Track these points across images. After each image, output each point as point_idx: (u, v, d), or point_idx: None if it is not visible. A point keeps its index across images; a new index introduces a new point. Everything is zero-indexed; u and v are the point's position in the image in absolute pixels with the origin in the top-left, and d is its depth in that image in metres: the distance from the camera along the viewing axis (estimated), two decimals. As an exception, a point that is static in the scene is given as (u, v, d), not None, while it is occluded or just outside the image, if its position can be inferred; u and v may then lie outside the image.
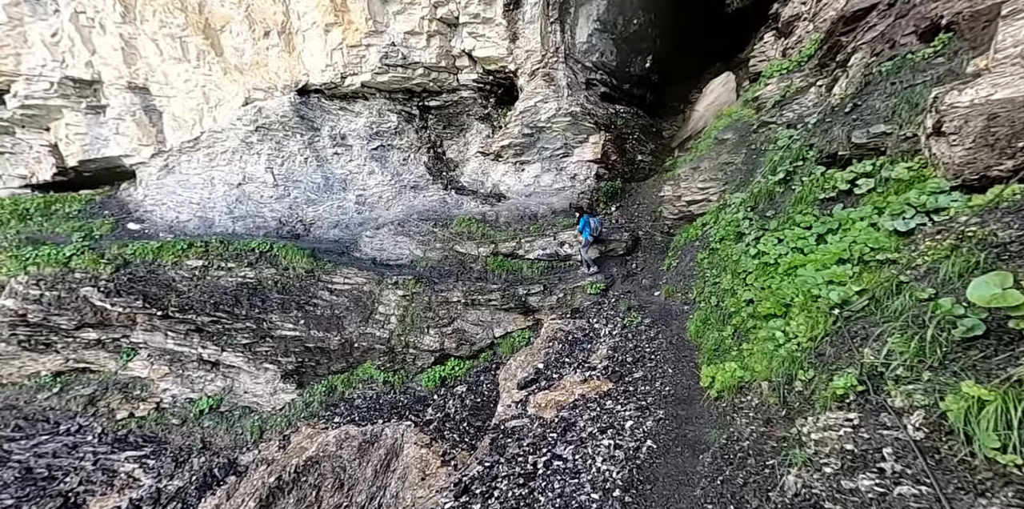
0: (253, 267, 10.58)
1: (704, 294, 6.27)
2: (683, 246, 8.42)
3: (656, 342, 6.49)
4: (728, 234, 6.20)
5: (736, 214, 6.28)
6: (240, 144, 12.26)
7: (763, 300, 4.43)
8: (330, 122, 13.08)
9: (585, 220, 9.89)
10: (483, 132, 14.09)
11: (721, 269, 5.97)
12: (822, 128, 5.50)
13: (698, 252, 7.17)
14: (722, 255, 6.16)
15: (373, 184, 13.77)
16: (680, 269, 7.74)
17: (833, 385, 2.78)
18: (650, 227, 10.96)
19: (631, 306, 7.94)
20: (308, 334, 10.50)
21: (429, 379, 10.45)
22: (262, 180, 12.61)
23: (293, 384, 10.71)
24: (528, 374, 6.79)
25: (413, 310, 10.97)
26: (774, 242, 5.00)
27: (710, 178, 8.20)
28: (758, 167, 6.93)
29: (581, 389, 5.77)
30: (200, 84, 11.51)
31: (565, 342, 7.79)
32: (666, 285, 7.82)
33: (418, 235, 12.54)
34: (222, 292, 9.88)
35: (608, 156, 11.94)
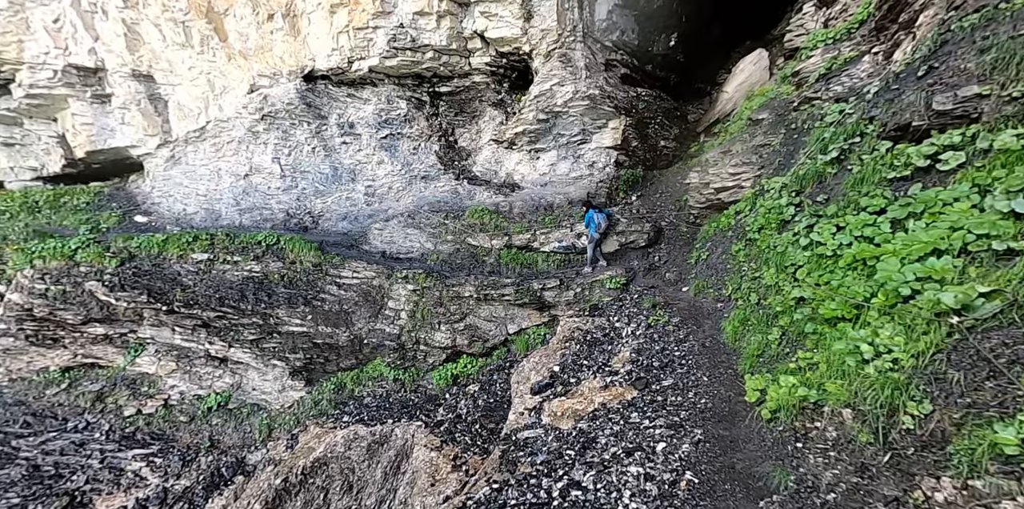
0: (259, 261, 10.26)
1: (742, 290, 5.64)
2: (712, 237, 7.74)
3: (686, 344, 5.85)
4: (769, 222, 5.54)
5: (778, 200, 5.60)
6: (246, 133, 11.91)
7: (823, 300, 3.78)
8: (338, 110, 12.63)
9: (591, 215, 9.21)
10: (496, 119, 13.47)
11: (762, 262, 5.33)
12: (886, 98, 4.75)
13: (732, 243, 6.51)
14: (762, 246, 5.51)
15: (383, 174, 13.32)
16: (711, 262, 7.08)
17: (993, 436, 1.93)
18: (674, 217, 10.25)
19: (656, 303, 7.31)
20: (316, 330, 10.17)
21: (441, 377, 10.03)
22: (269, 171, 12.27)
23: (302, 381, 10.42)
24: (543, 378, 6.24)
25: (424, 305, 10.54)
26: (831, 230, 4.34)
27: (743, 162, 7.47)
28: (800, 148, 6.20)
29: (602, 397, 5.17)
30: (205, 71, 11.16)
31: (583, 342, 7.20)
32: (695, 280, 7.17)
33: (428, 227, 12.07)
34: (228, 286, 9.58)
35: (629, 142, 11.21)
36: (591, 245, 9.51)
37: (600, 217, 9.38)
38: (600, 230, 9.38)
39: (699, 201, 9.03)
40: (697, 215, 9.48)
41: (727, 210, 7.57)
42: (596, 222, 9.27)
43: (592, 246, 9.51)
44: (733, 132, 8.35)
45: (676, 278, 9.00)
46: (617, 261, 10.17)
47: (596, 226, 9.28)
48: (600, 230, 9.38)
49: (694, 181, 9.06)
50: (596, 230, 9.32)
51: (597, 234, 9.38)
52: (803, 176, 5.49)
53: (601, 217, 9.41)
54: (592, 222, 9.25)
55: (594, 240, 9.45)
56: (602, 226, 9.38)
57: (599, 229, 9.35)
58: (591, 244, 9.49)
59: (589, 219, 9.26)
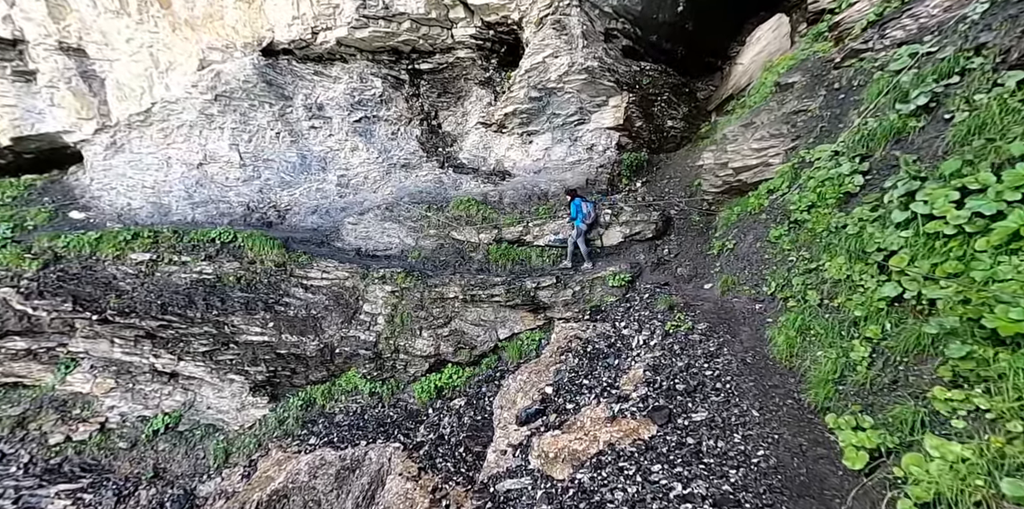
0: (212, 261, 9.15)
1: (793, 287, 4.68)
2: (738, 222, 6.79)
3: (720, 361, 4.67)
4: (824, 198, 4.57)
5: (836, 168, 4.63)
6: (199, 117, 10.74)
7: (971, 302, 2.74)
8: (304, 89, 11.49)
9: (577, 204, 8.31)
10: (484, 99, 12.41)
11: (820, 249, 4.37)
12: (1004, 16, 3.71)
13: (769, 228, 5.56)
14: (816, 228, 4.55)
15: (357, 162, 12.22)
16: (740, 253, 6.12)
17: None
18: (685, 205, 9.32)
19: (674, 304, 6.29)
20: (279, 339, 9.09)
21: (423, 390, 9.03)
22: (227, 159, 11.11)
23: (264, 397, 9.36)
24: (532, 402, 5.13)
25: (403, 309, 9.51)
26: (951, 197, 3.19)
27: (770, 134, 6.53)
28: (851, 108, 5.26)
29: (608, 433, 4.00)
30: (146, 44, 9.96)
31: (583, 355, 6.03)
32: (721, 275, 6.20)
33: (409, 220, 11.02)
34: (173, 291, 8.47)
35: (632, 122, 10.23)
36: (577, 238, 8.60)
37: (589, 206, 8.51)
38: (589, 220, 8.48)
39: (714, 185, 8.08)
40: (712, 201, 8.53)
41: (754, 191, 6.61)
42: (584, 211, 8.36)
43: (578, 239, 8.61)
44: (754, 103, 7.41)
45: (690, 273, 8.06)
46: (621, 255, 9.22)
47: (585, 215, 8.38)
48: (589, 220, 8.48)
49: (708, 162, 8.10)
50: (583, 220, 8.41)
51: (584, 225, 8.49)
52: (867, 137, 4.53)
53: (590, 206, 8.52)
54: (580, 212, 8.28)
55: (581, 232, 8.56)
56: (591, 216, 8.49)
57: (588, 217, 8.44)
58: (577, 237, 8.59)
59: (577, 208, 8.31)
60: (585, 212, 8.38)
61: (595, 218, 8.71)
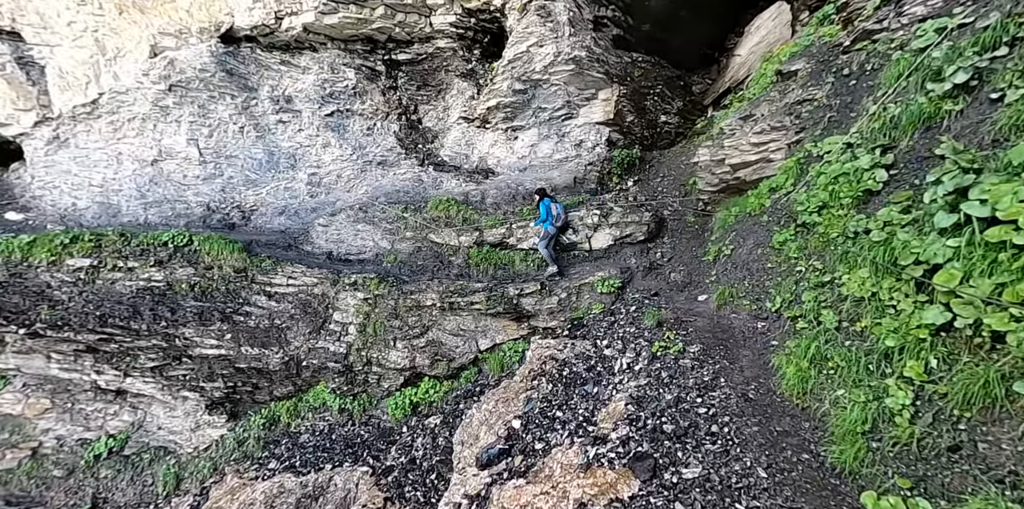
0: (163, 266, 8.41)
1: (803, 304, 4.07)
2: (736, 225, 6.28)
3: (716, 395, 3.96)
4: (838, 197, 4.07)
5: (852, 162, 4.10)
6: (152, 109, 9.96)
7: None
8: (270, 80, 10.76)
9: (546, 205, 7.89)
10: (466, 92, 11.81)
11: (835, 258, 3.83)
12: None
13: (771, 232, 5.04)
14: (829, 233, 4.02)
15: (329, 160, 11.53)
16: (739, 260, 5.59)
17: None
18: (679, 205, 8.82)
19: (662, 320, 5.66)
20: (238, 352, 8.38)
21: (397, 406, 8.41)
22: (184, 155, 10.34)
23: (223, 416, 8.65)
24: (497, 438, 4.38)
25: (376, 318, 8.87)
26: (1015, 197, 2.54)
27: (771, 127, 6.04)
28: (863, 95, 4.77)
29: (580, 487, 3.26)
30: (90, 28, 9.16)
31: (558, 380, 5.23)
32: (718, 286, 5.66)
33: (384, 222, 10.37)
34: (116, 300, 7.72)
35: (623, 116, 9.71)
36: (544, 242, 8.13)
37: (559, 207, 8.08)
38: (558, 223, 8.07)
39: (710, 183, 7.60)
40: (708, 201, 8.05)
41: (753, 190, 6.10)
42: (555, 212, 7.93)
43: (546, 243, 8.14)
44: (753, 95, 6.93)
45: (684, 280, 7.55)
46: (610, 259, 8.69)
47: (555, 216, 7.96)
48: (558, 223, 8.07)
49: (704, 159, 7.61)
50: (553, 223, 8.00)
51: (554, 228, 8.06)
52: (889, 125, 3.97)
53: (560, 207, 8.09)
54: (549, 214, 7.87)
55: (550, 236, 8.11)
56: (560, 219, 8.07)
57: (558, 219, 8.02)
58: (544, 241, 8.12)
59: (546, 209, 7.88)
60: (555, 214, 7.95)
61: (565, 221, 8.29)
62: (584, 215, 8.64)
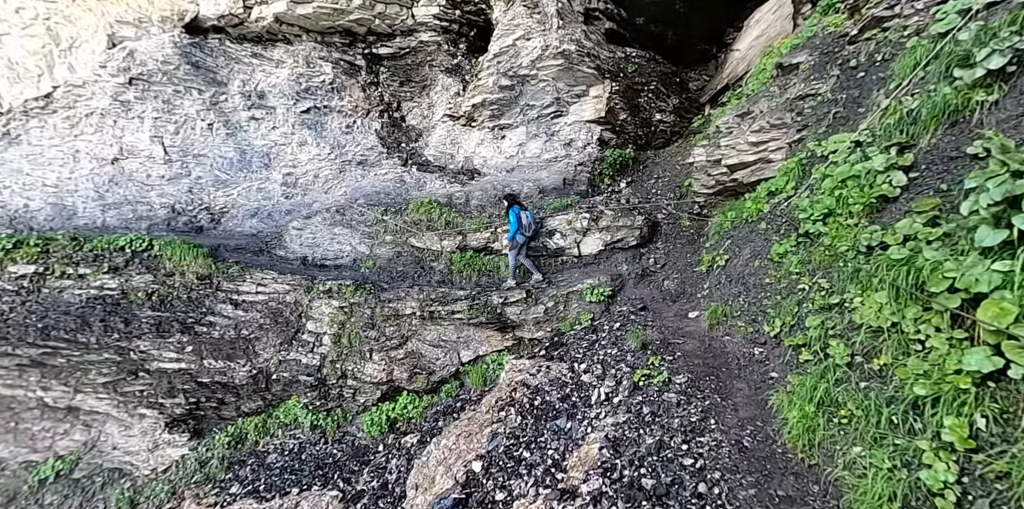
0: (119, 273, 7.84)
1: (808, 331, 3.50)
2: (732, 232, 5.89)
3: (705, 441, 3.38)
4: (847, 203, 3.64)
5: (863, 163, 3.69)
6: (112, 104, 9.37)
7: None
8: (241, 74, 10.22)
9: (516, 213, 7.52)
10: (451, 89, 11.37)
11: (846, 277, 3.35)
12: None
13: (770, 241, 4.63)
14: (836, 246, 3.61)
15: (306, 159, 11.02)
16: (734, 272, 5.17)
17: None
18: (674, 208, 8.44)
19: (647, 342, 5.12)
20: (200, 365, 7.84)
21: (373, 422, 7.93)
22: (148, 154, 9.76)
23: (185, 434, 8.09)
24: (453, 483, 3.92)
25: (352, 327, 8.38)
26: None
27: (771, 125, 5.67)
28: (873, 88, 4.37)
29: None
30: (41, 15, 8.57)
31: (528, 412, 4.58)
32: (710, 302, 5.21)
33: (363, 225, 9.88)
34: (62, 311, 7.15)
35: (615, 114, 9.31)
36: (513, 252, 7.76)
37: (528, 216, 7.76)
38: (529, 232, 7.75)
39: (706, 185, 7.22)
40: (704, 204, 7.68)
41: (751, 193, 5.71)
42: (526, 222, 7.62)
43: (516, 254, 7.76)
44: (752, 91, 6.55)
45: (678, 289, 7.15)
46: (600, 265, 8.28)
47: (525, 227, 7.63)
48: (529, 232, 7.75)
49: (700, 159, 7.22)
50: (523, 232, 7.60)
51: (523, 237, 7.69)
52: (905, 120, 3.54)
53: (529, 216, 7.77)
54: (519, 223, 7.53)
55: (518, 246, 7.67)
56: (531, 228, 7.78)
57: (528, 229, 7.71)
58: (513, 252, 7.74)
59: (515, 218, 7.52)
60: (525, 224, 7.61)
61: (536, 230, 7.97)
62: (573, 219, 8.22)
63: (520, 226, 7.57)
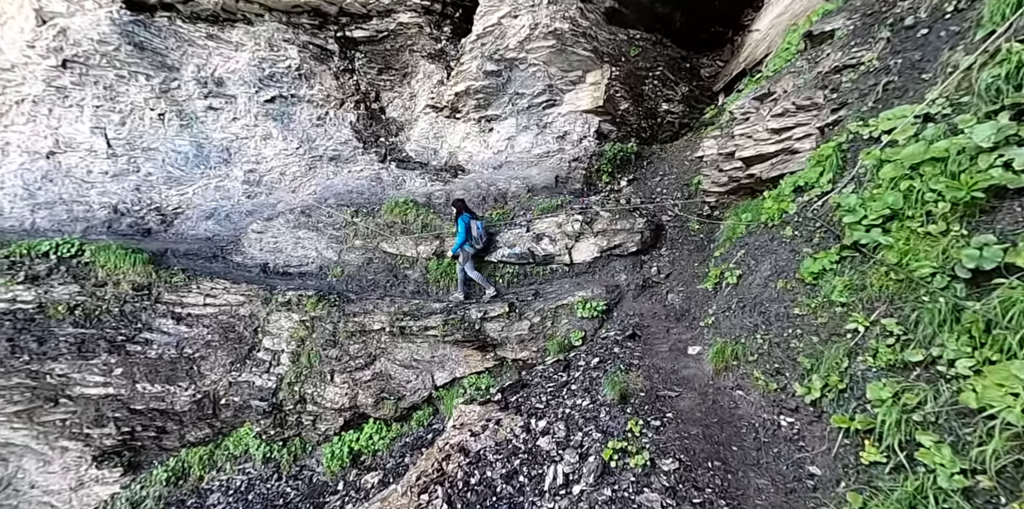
0: (37, 283, 6.89)
1: (875, 409, 2.30)
2: (744, 238, 4.93)
3: None
4: (923, 200, 2.58)
5: (954, 138, 2.58)
6: (47, 90, 8.44)
7: None
8: (195, 58, 9.28)
9: (465, 222, 6.91)
10: (434, 76, 10.43)
11: (936, 319, 2.20)
12: None
13: (801, 253, 3.66)
14: (914, 267, 2.48)
15: (271, 154, 10.09)
16: (748, 294, 4.12)
17: None
18: (681, 208, 7.52)
19: (629, 391, 3.90)
20: (132, 390, 6.90)
21: (333, 455, 7.01)
22: (88, 147, 8.82)
23: (117, 469, 7.15)
24: None
25: (312, 345, 7.45)
26: None
27: (797, 106, 4.77)
28: (944, 45, 3.39)
29: None
30: (-41, -12, 7.67)
31: (460, 497, 3.28)
32: (715, 335, 4.15)
33: (330, 228, 8.94)
34: (-40, 329, 6.21)
35: (615, 103, 8.39)
36: (463, 265, 7.06)
37: (479, 226, 7.09)
38: (480, 243, 7.10)
39: (717, 182, 6.32)
40: (715, 204, 6.77)
41: (770, 191, 4.76)
42: (476, 233, 7.00)
43: (466, 265, 7.06)
44: (777, 66, 5.64)
45: (684, 305, 6.24)
46: (595, 275, 7.35)
47: (476, 238, 7.00)
48: (480, 243, 7.10)
49: (710, 153, 6.31)
50: (473, 243, 7.02)
51: (472, 249, 7.04)
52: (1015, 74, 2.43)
53: (479, 228, 7.09)
54: (468, 233, 6.92)
55: (468, 256, 7.04)
56: (482, 240, 7.11)
57: (478, 242, 7.06)
58: (464, 264, 7.06)
59: (465, 228, 6.87)
60: (476, 235, 6.99)
61: (487, 241, 7.27)
62: (564, 221, 7.29)
63: (469, 237, 6.89)
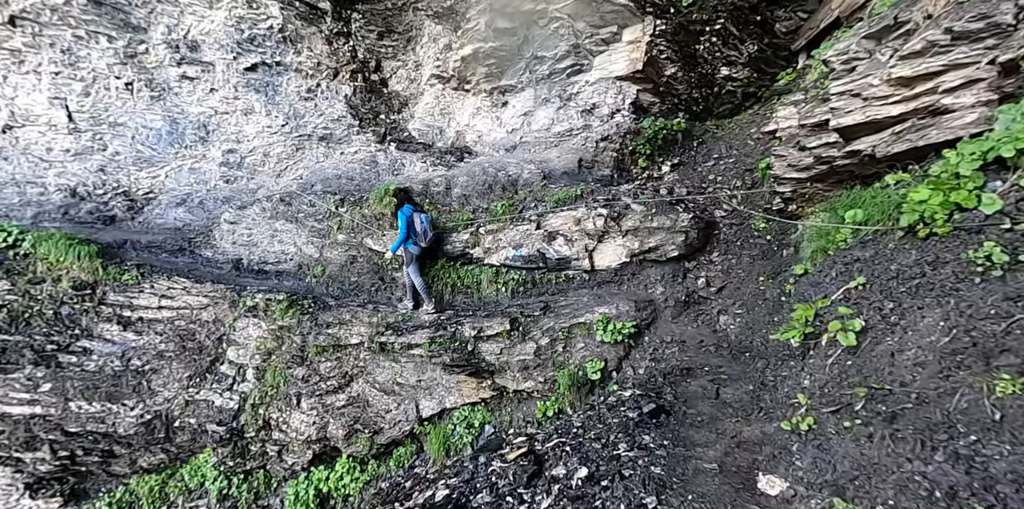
0: (-38, 279, 6.03)
1: None
2: (855, 251, 3.32)
3: None
4: None
5: None
6: (0, 53, 7.59)
7: None
8: (165, 17, 8.21)
9: (406, 216, 5.95)
10: (440, 40, 9.04)
11: None
12: None
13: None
14: None
15: (253, 132, 9.01)
16: (887, 375, 2.46)
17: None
18: (738, 202, 5.95)
19: None
20: (64, 409, 6.00)
21: (298, 498, 5.99)
22: (47, 120, 7.95)
23: (55, 499, 6.35)
24: None
25: (276, 361, 6.37)
26: None
27: (955, 35, 3.19)
28: None
29: None
30: None
31: None
32: (817, 469, 2.29)
33: (312, 219, 7.81)
34: None
35: (659, 68, 6.81)
36: (409, 267, 6.09)
37: (424, 219, 6.04)
38: (424, 241, 6.02)
39: (797, 165, 4.78)
40: (791, 195, 5.21)
41: (894, 174, 3.16)
42: (420, 229, 5.96)
43: (411, 268, 6.08)
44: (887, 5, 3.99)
45: (741, 336, 4.80)
46: (622, 285, 5.91)
47: (419, 234, 5.97)
48: (424, 241, 6.02)
49: (788, 125, 4.77)
50: (417, 241, 5.99)
51: (416, 248, 6.02)
52: None
53: (425, 219, 6.05)
54: (411, 229, 5.94)
55: (412, 257, 6.07)
56: (426, 236, 6.02)
57: (422, 239, 6.00)
58: (409, 265, 6.09)
59: (406, 222, 5.91)
60: (419, 230, 5.96)
61: (433, 239, 6.14)
62: (583, 216, 5.84)
63: (412, 233, 5.89)
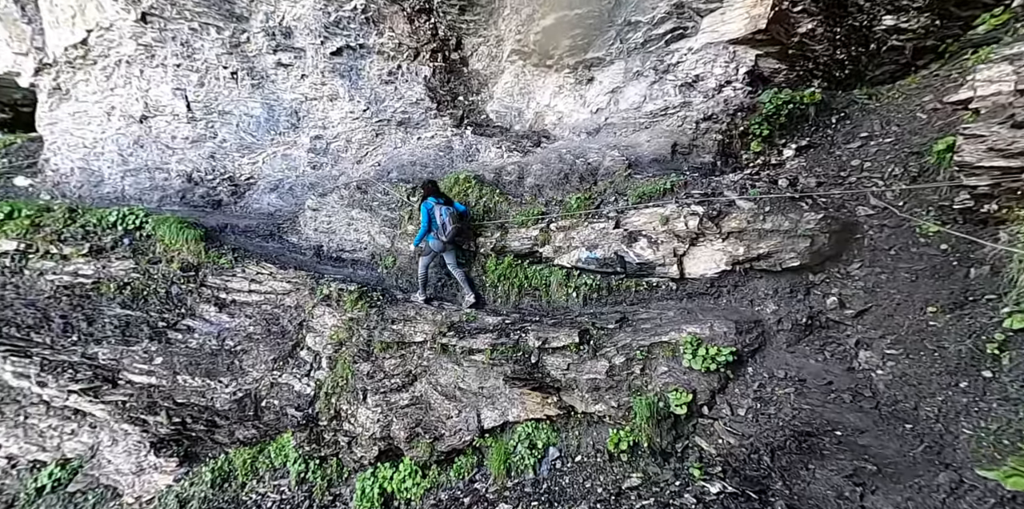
0: (99, 256, 7.05)
1: None
2: None
3: None
4: None
5: None
6: (137, 50, 8.59)
7: None
8: (264, 5, 8.61)
9: (428, 208, 5.79)
10: (523, 9, 8.36)
11: None
12: None
13: None
14: None
15: (337, 118, 9.28)
16: None
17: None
18: (895, 196, 4.58)
19: None
20: (173, 381, 6.79)
21: (364, 494, 6.19)
22: (171, 110, 8.93)
23: (173, 458, 7.27)
24: None
25: (345, 353, 6.56)
26: None
27: None
28: None
29: None
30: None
31: None
32: None
33: (384, 208, 7.84)
34: (26, 302, 6.53)
35: (790, 24, 5.46)
36: (424, 259, 6.16)
37: (446, 212, 5.74)
38: (445, 235, 5.74)
39: (1004, 148, 3.37)
40: (990, 192, 3.80)
41: None
42: (439, 221, 5.75)
43: (427, 261, 6.16)
44: None
45: (893, 383, 3.82)
46: (720, 298, 4.94)
47: (439, 228, 5.77)
48: (445, 235, 5.74)
49: (995, 91, 3.35)
50: (439, 236, 5.80)
51: (438, 242, 5.87)
52: None
53: (444, 215, 5.72)
54: (432, 222, 5.79)
55: (432, 253, 6.06)
56: (447, 229, 5.71)
57: (442, 233, 5.75)
58: (425, 258, 6.16)
59: (427, 215, 5.79)
60: (439, 223, 5.73)
61: (456, 233, 5.79)
62: (673, 213, 4.90)
63: (433, 227, 5.73)
